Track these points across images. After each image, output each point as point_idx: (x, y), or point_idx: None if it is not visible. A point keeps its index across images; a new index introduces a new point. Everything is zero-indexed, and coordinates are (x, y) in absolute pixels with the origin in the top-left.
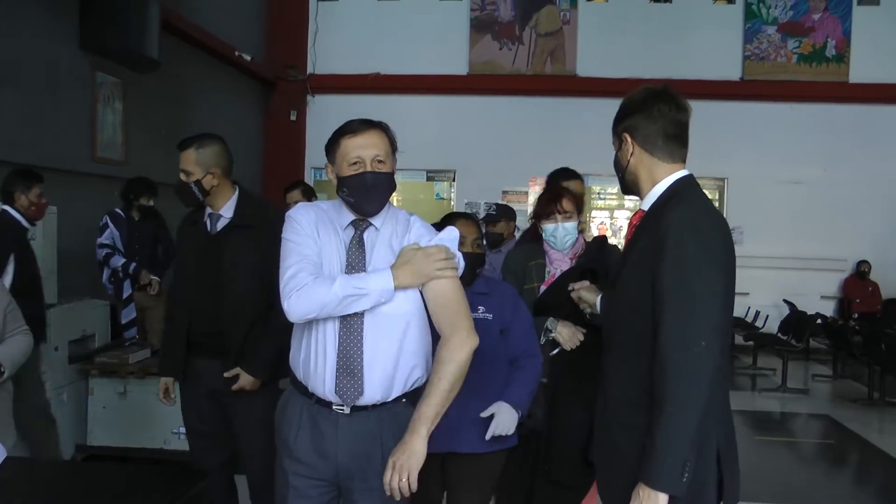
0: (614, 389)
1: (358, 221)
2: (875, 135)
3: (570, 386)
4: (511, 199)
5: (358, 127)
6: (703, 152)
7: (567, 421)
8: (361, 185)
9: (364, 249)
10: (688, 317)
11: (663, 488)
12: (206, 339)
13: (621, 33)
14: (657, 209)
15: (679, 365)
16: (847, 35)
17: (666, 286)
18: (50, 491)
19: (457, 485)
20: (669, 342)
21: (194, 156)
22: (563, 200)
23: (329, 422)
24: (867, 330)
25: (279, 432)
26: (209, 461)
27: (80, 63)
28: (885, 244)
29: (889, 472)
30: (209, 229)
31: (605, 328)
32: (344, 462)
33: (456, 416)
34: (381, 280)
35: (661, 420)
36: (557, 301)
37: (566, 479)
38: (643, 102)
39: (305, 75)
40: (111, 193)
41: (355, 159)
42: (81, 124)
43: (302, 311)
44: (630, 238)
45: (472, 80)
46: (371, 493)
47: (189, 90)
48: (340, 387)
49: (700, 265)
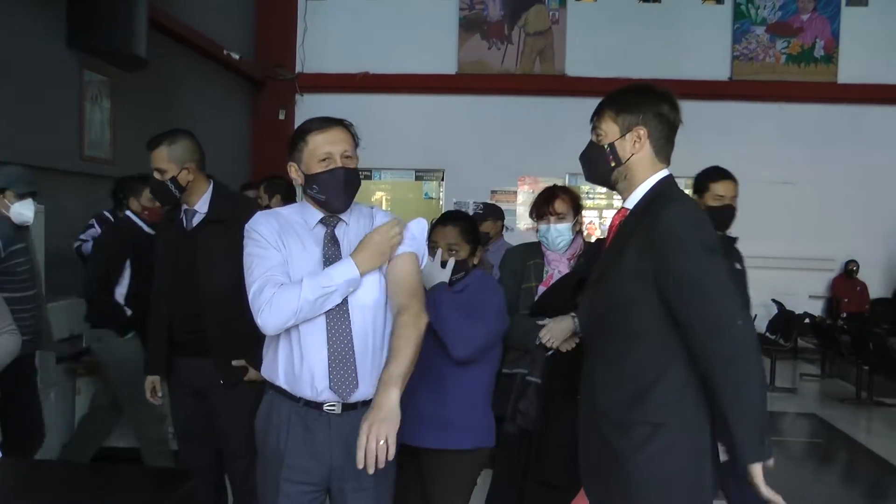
0: (602, 391)
1: (327, 219)
2: (864, 135)
3: (563, 387)
4: (500, 199)
5: (323, 123)
6: (692, 152)
7: (560, 422)
8: (333, 181)
9: (339, 245)
10: (716, 304)
11: (753, 461)
12: (188, 336)
13: (610, 33)
14: (646, 208)
15: (724, 350)
16: (835, 35)
17: (680, 286)
18: (36, 491)
19: (427, 481)
20: (707, 333)
21: (166, 152)
22: (555, 202)
23: (321, 423)
24: (855, 329)
25: (265, 441)
26: (197, 461)
27: (68, 61)
28: (874, 244)
29: (877, 471)
30: (185, 225)
31: (587, 331)
32: (337, 463)
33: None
34: (345, 271)
35: (726, 406)
36: (554, 305)
37: (556, 480)
38: (658, 102)
39: (294, 74)
40: (99, 192)
41: (325, 155)
42: (69, 123)
43: (276, 322)
44: (615, 237)
45: (461, 79)
46: (364, 492)
47: (177, 89)
48: (335, 382)
49: (706, 256)
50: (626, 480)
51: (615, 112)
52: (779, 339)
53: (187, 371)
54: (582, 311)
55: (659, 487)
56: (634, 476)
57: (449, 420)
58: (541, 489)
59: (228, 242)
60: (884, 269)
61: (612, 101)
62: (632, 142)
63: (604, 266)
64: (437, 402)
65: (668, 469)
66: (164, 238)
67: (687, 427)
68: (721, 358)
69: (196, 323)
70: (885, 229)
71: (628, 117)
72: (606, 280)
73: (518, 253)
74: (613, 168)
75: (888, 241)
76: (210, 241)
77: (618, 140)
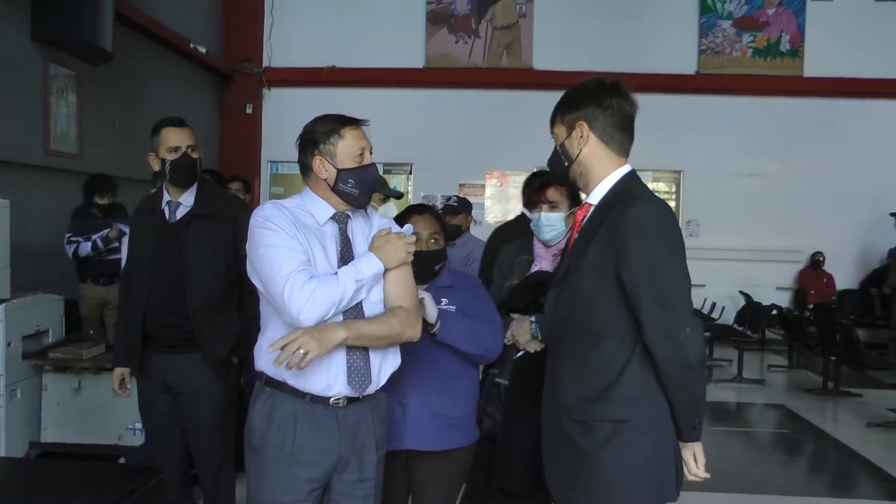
0: (566, 390)
1: (339, 215)
2: (829, 128)
3: (528, 391)
4: (468, 192)
5: (353, 120)
6: (660, 145)
7: (522, 427)
8: (368, 177)
9: (350, 242)
10: (668, 311)
11: (687, 440)
12: (163, 330)
13: (577, 27)
14: (609, 204)
15: (669, 356)
16: (801, 30)
17: (640, 283)
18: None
19: (422, 483)
20: (657, 337)
21: (193, 133)
22: (549, 190)
23: (329, 416)
24: (822, 320)
25: (266, 440)
26: (163, 457)
27: (33, 55)
28: (840, 235)
29: (843, 460)
30: (167, 217)
31: (550, 329)
32: (345, 455)
33: (418, 413)
34: (371, 265)
35: (673, 401)
36: (519, 306)
37: (512, 488)
38: (599, 94)
39: (261, 68)
40: (65, 187)
41: (360, 150)
42: (34, 117)
43: (318, 315)
44: (578, 234)
45: (429, 73)
46: (365, 483)
47: (144, 83)
48: (353, 378)
49: (670, 259)
50: (589, 477)
51: (561, 112)
52: (746, 330)
53: (159, 367)
54: (547, 310)
55: (622, 483)
56: (597, 472)
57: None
58: (498, 496)
59: (217, 237)
60: (850, 260)
61: (559, 103)
62: (577, 138)
63: (568, 264)
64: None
65: (630, 465)
66: (141, 228)
67: (648, 423)
68: (666, 360)
69: (172, 317)
70: (851, 221)
71: (569, 115)
72: (569, 278)
73: (511, 249)
74: (567, 167)
75: (854, 233)
76: (198, 235)
77: (566, 139)
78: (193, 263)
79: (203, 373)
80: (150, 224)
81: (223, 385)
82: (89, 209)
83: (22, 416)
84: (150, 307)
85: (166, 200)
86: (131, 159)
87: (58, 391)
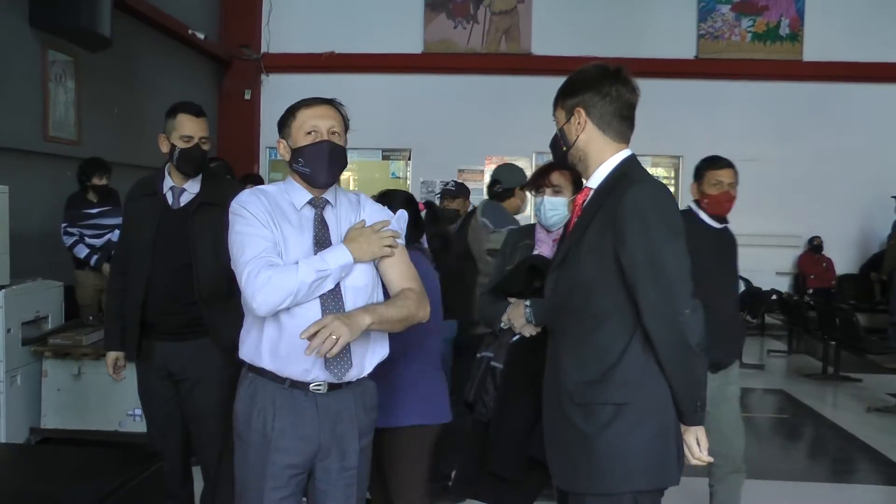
0: (566, 373)
1: (315, 200)
2: (828, 112)
3: (522, 376)
4: (467, 178)
5: (312, 100)
6: (659, 130)
7: (515, 410)
8: (319, 153)
9: (327, 227)
10: (667, 292)
11: (690, 424)
12: (164, 318)
13: (576, 12)
14: (608, 188)
15: (668, 337)
16: (800, 14)
17: (638, 265)
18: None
19: (392, 459)
20: (655, 318)
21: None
22: (552, 174)
23: (308, 402)
24: (821, 305)
25: (249, 425)
26: (166, 445)
27: (31, 41)
28: (839, 220)
29: (842, 445)
30: (170, 203)
31: (550, 312)
32: (325, 442)
33: (387, 391)
34: (339, 257)
35: (672, 383)
36: (514, 290)
37: (502, 471)
38: (599, 81)
39: (259, 54)
40: (64, 173)
41: (312, 128)
42: (33, 103)
43: (272, 304)
44: (578, 218)
45: (427, 58)
46: (348, 472)
47: (142, 69)
48: (331, 362)
49: (669, 241)
50: (590, 460)
51: (561, 98)
52: (746, 315)
53: (160, 355)
54: (546, 293)
55: (623, 467)
56: (598, 456)
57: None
58: (493, 480)
59: (220, 225)
60: (849, 245)
61: (561, 88)
62: (574, 124)
63: (567, 247)
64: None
65: (631, 448)
66: (139, 212)
67: (650, 407)
68: (665, 342)
69: (174, 305)
70: (851, 205)
71: (569, 101)
72: (569, 261)
73: (514, 235)
74: (566, 152)
75: (854, 218)
76: (206, 223)
77: (565, 125)
78: (199, 252)
79: (206, 359)
80: (151, 208)
81: (227, 371)
82: (84, 195)
83: (22, 402)
84: (150, 294)
85: (169, 186)
86: (130, 145)
87: (58, 377)
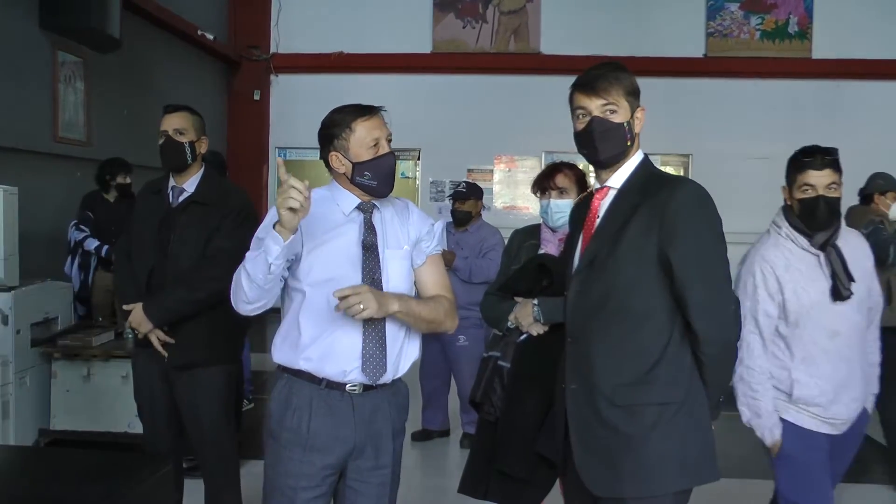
0: (603, 376)
1: (364, 205)
2: (838, 110)
3: (530, 374)
4: (476, 178)
5: (366, 110)
6: (669, 129)
7: (521, 411)
8: (385, 167)
9: (375, 232)
10: (717, 292)
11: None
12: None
13: (585, 11)
14: (639, 187)
15: (715, 335)
16: (809, 11)
17: (690, 262)
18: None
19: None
20: (704, 315)
21: (189, 117)
22: (557, 176)
23: (344, 403)
24: None
25: (282, 424)
26: (157, 445)
27: (41, 42)
28: None
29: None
30: (171, 201)
31: (576, 317)
32: (360, 442)
33: None
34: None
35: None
36: (522, 289)
37: (511, 470)
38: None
39: (269, 55)
40: (73, 174)
41: (374, 141)
42: (43, 104)
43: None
44: (605, 219)
45: (436, 58)
46: (381, 471)
47: (151, 70)
48: (367, 365)
49: (717, 239)
50: (639, 462)
51: (624, 91)
52: None
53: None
54: (570, 296)
55: (670, 466)
56: (645, 457)
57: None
58: (502, 479)
59: (203, 224)
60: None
61: (617, 80)
62: (637, 121)
63: (595, 249)
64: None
65: (680, 445)
66: (146, 208)
67: (689, 404)
68: (711, 341)
69: None
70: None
71: (633, 100)
72: (602, 264)
73: (519, 235)
74: (630, 147)
75: None
76: (188, 221)
77: (631, 119)
78: (174, 249)
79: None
80: (156, 206)
81: (222, 366)
82: (101, 195)
83: (31, 403)
84: (151, 288)
85: (171, 185)
86: (139, 146)
87: (67, 378)
